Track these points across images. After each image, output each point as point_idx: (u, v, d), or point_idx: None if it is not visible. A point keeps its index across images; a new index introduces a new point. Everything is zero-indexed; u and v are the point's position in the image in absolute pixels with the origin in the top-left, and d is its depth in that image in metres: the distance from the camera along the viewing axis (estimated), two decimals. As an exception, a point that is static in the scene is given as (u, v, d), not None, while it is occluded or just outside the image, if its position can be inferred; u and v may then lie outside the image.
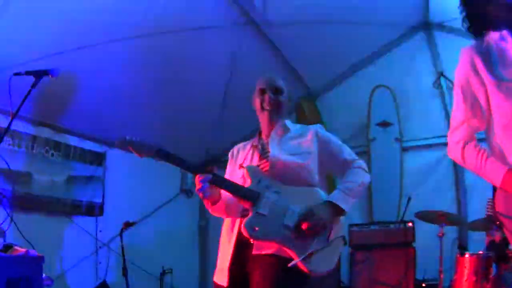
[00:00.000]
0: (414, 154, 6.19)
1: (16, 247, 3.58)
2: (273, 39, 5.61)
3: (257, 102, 2.74)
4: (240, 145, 2.87)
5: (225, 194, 2.51)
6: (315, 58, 6.07)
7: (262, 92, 2.72)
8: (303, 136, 2.66)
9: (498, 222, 3.18)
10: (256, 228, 2.32)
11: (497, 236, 4.24)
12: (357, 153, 6.30)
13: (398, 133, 6.19)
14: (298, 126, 2.80)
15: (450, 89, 5.98)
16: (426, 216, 4.58)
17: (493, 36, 1.96)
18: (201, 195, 2.38)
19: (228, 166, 2.83)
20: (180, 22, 4.83)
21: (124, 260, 4.88)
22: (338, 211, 2.44)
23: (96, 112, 5.30)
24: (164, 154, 2.43)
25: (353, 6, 5.35)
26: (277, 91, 2.72)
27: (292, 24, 5.36)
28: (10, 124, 2.38)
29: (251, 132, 2.91)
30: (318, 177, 2.59)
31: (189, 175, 5.42)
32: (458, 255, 4.28)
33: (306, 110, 6.73)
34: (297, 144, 2.62)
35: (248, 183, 2.46)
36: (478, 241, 5.00)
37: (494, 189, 1.95)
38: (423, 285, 5.11)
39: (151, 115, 5.57)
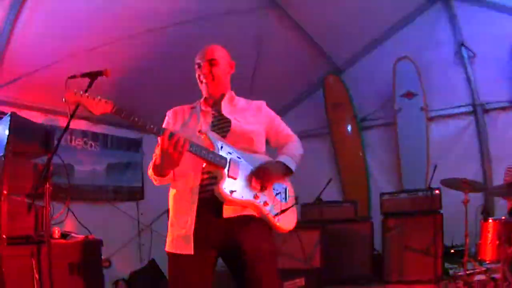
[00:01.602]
0: (439, 123, 6.47)
1: (73, 234, 4.04)
2: (296, 19, 5.92)
3: (196, 75, 2.81)
4: (178, 108, 2.89)
5: None
6: (338, 34, 6.40)
7: (198, 65, 2.78)
8: (251, 108, 2.85)
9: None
10: (233, 191, 2.45)
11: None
12: (383, 124, 6.68)
13: (423, 103, 6.44)
14: (242, 99, 2.92)
15: (472, 58, 6.23)
16: (451, 184, 4.79)
17: None
18: (177, 156, 2.33)
19: (167, 126, 2.77)
20: (205, 9, 5.18)
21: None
22: (287, 171, 2.70)
23: (129, 100, 5.68)
24: (124, 114, 2.29)
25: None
26: (212, 62, 2.76)
27: (312, 2, 5.68)
28: (68, 125, 2.46)
29: (278, 112, 3.11)
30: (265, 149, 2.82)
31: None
32: (481, 221, 4.56)
33: (333, 85, 7.14)
34: (250, 115, 2.79)
35: (210, 149, 2.51)
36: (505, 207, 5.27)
37: None
38: (452, 251, 5.46)
39: (181, 99, 5.90)
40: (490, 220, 4.42)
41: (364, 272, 5.49)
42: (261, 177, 2.55)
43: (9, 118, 3.59)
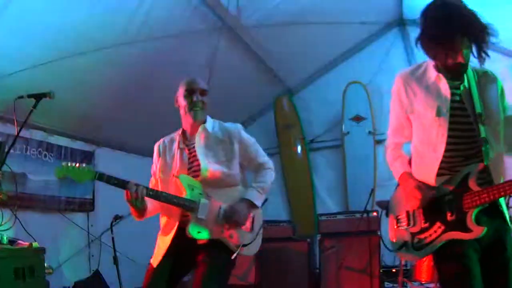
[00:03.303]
0: (387, 146, 6.99)
1: (19, 241, 4.53)
2: (249, 42, 6.44)
3: (185, 103, 3.15)
4: (164, 139, 3.32)
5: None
6: (291, 57, 6.95)
7: (191, 93, 3.14)
8: (225, 140, 3.19)
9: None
10: (199, 232, 2.94)
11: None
12: (331, 147, 7.22)
13: (371, 127, 7.05)
14: (217, 125, 3.27)
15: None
16: (384, 206, 5.41)
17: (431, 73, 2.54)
18: (139, 203, 2.91)
19: (155, 161, 3.30)
20: (162, 30, 5.60)
21: (114, 250, 5.61)
22: (253, 205, 3.13)
23: (84, 114, 6.19)
24: (105, 177, 2.88)
25: (326, 8, 6.14)
26: (203, 92, 3.17)
27: (266, 27, 6.16)
28: (15, 138, 3.26)
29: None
30: (240, 174, 3.22)
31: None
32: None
33: (284, 107, 7.72)
34: (221, 151, 3.15)
35: (183, 192, 3.00)
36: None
37: None
38: (393, 270, 6.03)
39: (134, 115, 6.39)
40: (425, 241, 4.97)
41: (300, 290, 5.98)
42: (230, 224, 3.02)
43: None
